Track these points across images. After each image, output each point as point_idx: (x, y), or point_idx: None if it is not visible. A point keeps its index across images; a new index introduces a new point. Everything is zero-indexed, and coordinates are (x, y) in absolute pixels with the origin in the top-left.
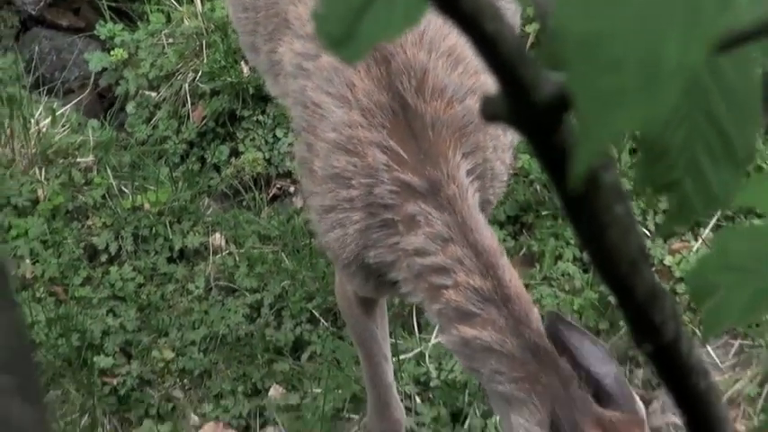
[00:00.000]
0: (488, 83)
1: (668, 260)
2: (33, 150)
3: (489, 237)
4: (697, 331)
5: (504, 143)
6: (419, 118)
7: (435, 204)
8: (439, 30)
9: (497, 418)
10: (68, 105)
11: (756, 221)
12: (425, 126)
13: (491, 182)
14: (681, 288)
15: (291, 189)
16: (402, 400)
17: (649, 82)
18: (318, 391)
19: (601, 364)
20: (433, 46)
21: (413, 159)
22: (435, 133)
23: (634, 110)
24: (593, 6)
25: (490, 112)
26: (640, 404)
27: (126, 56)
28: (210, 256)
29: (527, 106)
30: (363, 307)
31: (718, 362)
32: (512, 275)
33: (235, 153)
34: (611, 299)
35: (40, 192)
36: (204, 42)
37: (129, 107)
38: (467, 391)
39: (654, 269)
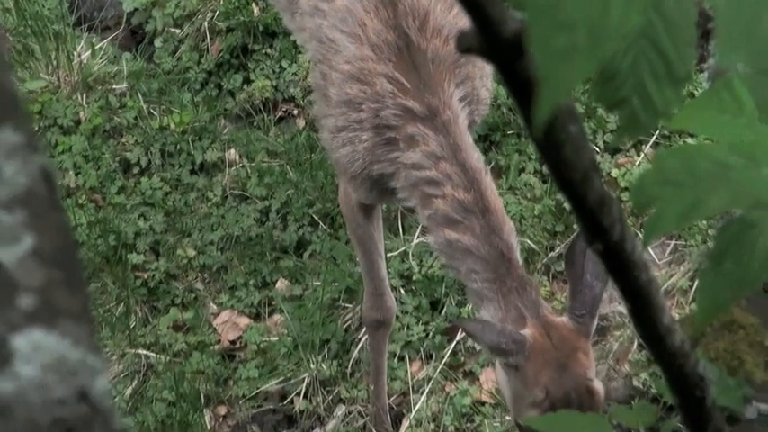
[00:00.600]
0: None
1: (615, 173)
2: (76, 79)
3: (476, 157)
4: (639, 233)
5: (488, 72)
6: (421, 53)
7: (432, 127)
8: None
9: (470, 307)
10: (105, 40)
11: (689, 141)
12: (426, 61)
13: (477, 105)
14: (625, 196)
15: (295, 112)
16: None
17: (595, 41)
18: (318, 283)
19: (593, 280)
20: None
21: (414, 88)
22: (434, 67)
23: (583, 65)
24: None
25: (465, 44)
26: (594, 323)
27: None
28: (226, 169)
29: (495, 40)
30: (363, 212)
31: (656, 259)
32: (492, 191)
33: (247, 81)
34: (567, 205)
35: (81, 114)
36: None
37: (157, 42)
38: (444, 284)
39: (602, 180)
